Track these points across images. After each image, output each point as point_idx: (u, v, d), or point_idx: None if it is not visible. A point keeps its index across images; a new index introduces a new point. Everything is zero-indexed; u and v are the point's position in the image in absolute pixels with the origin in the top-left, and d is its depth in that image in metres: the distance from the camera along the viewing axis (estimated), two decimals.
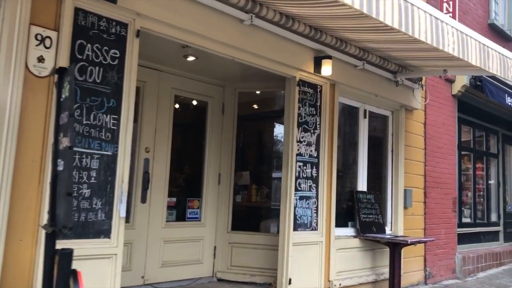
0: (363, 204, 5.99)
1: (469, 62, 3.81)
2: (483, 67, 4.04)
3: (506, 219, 10.32)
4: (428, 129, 7.26)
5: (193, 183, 5.51)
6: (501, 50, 4.36)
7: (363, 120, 6.18)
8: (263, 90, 5.83)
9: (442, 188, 7.50)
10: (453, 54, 3.64)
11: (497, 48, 4.30)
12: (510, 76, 4.45)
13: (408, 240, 5.40)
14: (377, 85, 6.04)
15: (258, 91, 5.99)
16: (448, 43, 3.53)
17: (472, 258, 7.94)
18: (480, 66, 3.99)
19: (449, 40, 3.53)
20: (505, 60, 4.36)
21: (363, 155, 6.16)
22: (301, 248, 4.94)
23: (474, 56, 3.91)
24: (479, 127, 9.60)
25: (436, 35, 3.42)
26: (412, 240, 5.51)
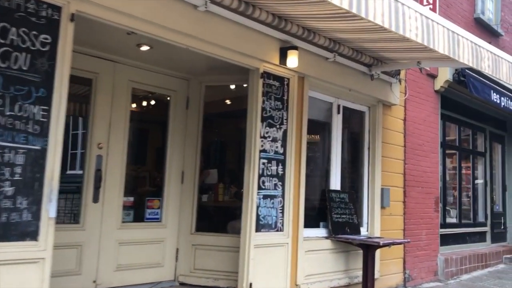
0: (336, 203, 5.70)
1: (435, 49, 3.52)
2: (452, 56, 3.76)
3: (493, 220, 10.05)
4: (408, 125, 6.98)
5: (153, 181, 5.22)
6: (473, 39, 4.07)
7: (337, 115, 5.89)
8: (229, 84, 5.52)
9: (424, 187, 7.21)
10: (416, 40, 3.35)
11: (468, 36, 4.02)
12: (484, 67, 4.17)
13: (381, 242, 5.11)
14: (351, 78, 5.76)
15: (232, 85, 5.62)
16: (410, 28, 3.23)
17: (456, 260, 7.66)
18: (449, 55, 3.70)
19: (411, 25, 3.24)
20: (478, 50, 4.08)
21: (336, 153, 5.87)
22: (264, 250, 4.64)
23: (441, 43, 3.62)
24: (465, 125, 9.33)
25: (395, 18, 3.13)
26: (385, 241, 5.22)
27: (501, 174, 10.72)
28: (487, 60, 4.25)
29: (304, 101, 5.24)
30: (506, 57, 4.61)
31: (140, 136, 5.16)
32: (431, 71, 7.45)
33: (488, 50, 4.27)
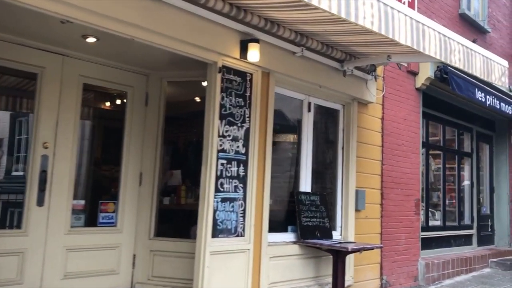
0: (306, 206, 5.39)
1: (395, 39, 3.22)
2: (416, 47, 3.46)
3: (480, 222, 9.77)
4: (386, 124, 6.68)
5: (108, 183, 4.91)
6: (441, 30, 3.77)
7: (307, 113, 5.59)
8: (192, 79, 5.19)
9: (403, 189, 6.92)
10: (371, 29, 3.05)
11: (436, 27, 3.72)
12: (454, 61, 3.88)
13: (349, 247, 4.80)
14: (322, 75, 5.45)
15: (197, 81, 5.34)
16: (364, 15, 2.93)
17: (437, 264, 7.37)
18: (412, 46, 3.41)
19: (365, 12, 2.94)
20: (447, 42, 3.78)
21: (306, 153, 5.57)
22: (222, 257, 4.33)
23: (403, 33, 3.32)
24: (450, 124, 9.05)
25: (345, 5, 2.83)
26: (354, 247, 4.92)
27: (489, 176, 10.44)
28: (458, 53, 3.96)
29: (269, 98, 4.94)
30: (480, 51, 4.32)
31: (93, 135, 4.85)
32: (412, 68, 7.16)
33: (459, 42, 3.98)
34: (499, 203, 10.39)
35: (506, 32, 10.53)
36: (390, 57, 4.84)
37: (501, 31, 10.24)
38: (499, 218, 10.34)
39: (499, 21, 10.21)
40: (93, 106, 4.83)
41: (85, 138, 4.70)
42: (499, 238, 10.29)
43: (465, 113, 9.28)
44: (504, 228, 10.27)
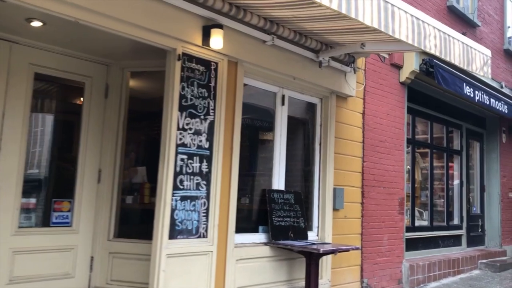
0: (279, 205, 5.07)
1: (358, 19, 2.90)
2: (384, 30, 3.14)
3: (470, 222, 9.48)
4: (368, 119, 6.37)
5: (63, 180, 4.57)
6: (414, 12, 3.46)
7: (281, 107, 5.28)
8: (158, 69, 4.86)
9: (386, 187, 6.61)
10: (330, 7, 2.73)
11: (408, 8, 3.40)
12: (429, 47, 3.56)
13: (321, 249, 4.48)
14: (296, 66, 5.14)
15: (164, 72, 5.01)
16: None
17: (423, 266, 7.06)
18: (379, 28, 3.09)
19: None
20: (421, 26, 3.47)
21: (280, 148, 5.25)
22: (181, 260, 4.01)
23: (368, 13, 3.00)
24: (438, 121, 8.75)
25: None
26: (326, 249, 4.60)
27: (479, 174, 10.15)
28: (434, 39, 3.65)
29: (237, 89, 4.62)
30: (459, 38, 4.01)
31: (47, 129, 4.52)
32: (396, 61, 6.85)
33: (435, 27, 3.66)
34: (490, 202, 10.10)
35: (497, 26, 10.24)
36: (364, 45, 4.52)
37: (491, 26, 9.95)
38: (490, 218, 10.05)
39: (490, 15, 9.91)
40: (46, 97, 4.50)
41: (37, 132, 4.37)
42: (490, 239, 10.00)
43: (454, 109, 8.99)
44: (495, 228, 9.98)
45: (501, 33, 10.36)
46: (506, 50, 10.38)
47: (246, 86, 4.91)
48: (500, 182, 10.10)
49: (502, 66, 10.26)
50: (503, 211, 10.09)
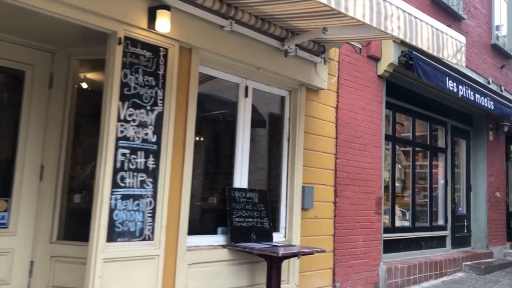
0: (240, 205, 4.71)
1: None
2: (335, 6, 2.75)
3: (455, 223, 9.14)
4: (342, 114, 6.01)
5: None
6: None
7: (244, 99, 4.91)
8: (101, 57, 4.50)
9: (362, 185, 6.25)
10: None
11: None
12: (391, 28, 3.20)
13: (280, 252, 4.12)
14: (259, 55, 4.78)
15: None
16: None
17: (402, 269, 6.71)
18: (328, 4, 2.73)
19: None
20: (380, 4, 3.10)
21: (243, 144, 4.88)
22: (121, 265, 3.64)
23: None
24: (421, 117, 8.41)
25: None
26: (286, 252, 4.23)
27: (466, 173, 9.82)
28: (397, 20, 3.29)
29: (191, 79, 4.25)
30: (428, 21, 3.65)
31: None
32: (373, 53, 6.50)
33: (399, 7, 3.30)
34: (476, 202, 9.76)
35: (484, 20, 9.91)
36: (326, 30, 4.15)
37: (478, 19, 9.61)
38: (476, 219, 9.72)
39: (476, 8, 9.58)
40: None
41: None
42: (476, 240, 9.67)
43: (438, 105, 8.65)
44: (481, 229, 9.65)
45: (488, 27, 10.03)
46: (493, 45, 10.05)
47: (204, 75, 4.55)
48: (487, 181, 9.77)
49: (489, 61, 9.94)
50: (490, 211, 9.77)
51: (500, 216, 10.22)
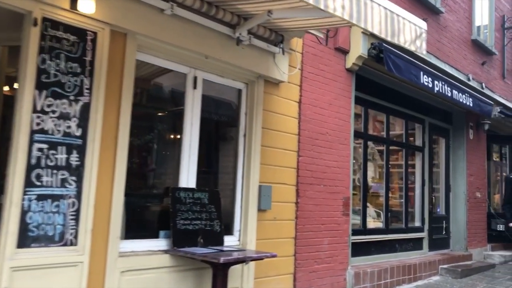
0: (186, 206, 4.31)
1: None
2: None
3: (432, 224, 8.81)
4: (305, 109, 5.64)
5: None
6: None
7: (192, 91, 4.51)
8: None
9: (327, 185, 5.89)
10: None
11: None
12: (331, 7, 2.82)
13: (221, 258, 3.73)
14: (208, 42, 4.39)
15: None
16: None
17: (371, 274, 6.35)
18: None
19: None
20: None
21: (190, 139, 4.48)
22: (36, 273, 3.22)
23: None
24: (396, 114, 8.06)
25: None
26: (228, 258, 3.84)
27: (445, 173, 9.49)
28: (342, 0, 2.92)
29: (126, 67, 3.85)
30: (379, 1, 3.28)
31: None
32: (340, 45, 6.13)
33: None
34: (456, 203, 9.44)
35: (465, 15, 9.59)
36: (271, 13, 3.77)
37: (458, 14, 9.29)
38: (455, 220, 9.39)
39: (456, 2, 9.25)
40: None
41: None
42: (455, 242, 9.35)
43: (415, 102, 8.31)
44: (460, 230, 9.33)
45: (468, 22, 9.72)
46: (474, 41, 9.74)
47: (144, 64, 4.16)
48: (467, 181, 9.45)
49: (469, 57, 9.62)
50: (470, 212, 9.45)
51: (481, 217, 9.91)
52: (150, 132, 4.34)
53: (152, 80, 4.38)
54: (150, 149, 4.39)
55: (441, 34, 8.56)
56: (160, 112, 4.57)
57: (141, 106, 4.26)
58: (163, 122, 4.62)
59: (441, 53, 8.44)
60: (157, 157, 4.50)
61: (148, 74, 4.30)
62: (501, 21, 11.24)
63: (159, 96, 4.53)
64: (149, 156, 4.43)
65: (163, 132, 4.51)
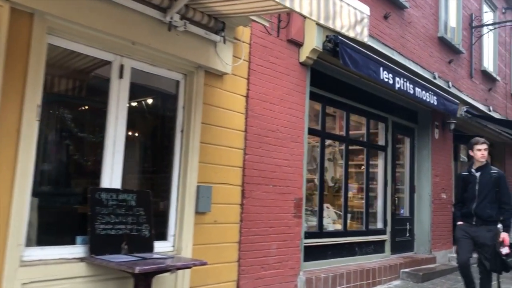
0: (109, 208, 3.88)
1: None
2: None
3: (396, 226, 8.55)
4: (253, 104, 5.26)
5: None
6: None
7: (118, 80, 4.07)
8: None
9: (278, 185, 5.52)
10: None
11: None
12: None
13: (136, 268, 3.31)
14: (136, 27, 3.96)
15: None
16: None
17: (325, 279, 6.02)
18: None
19: None
20: None
21: (115, 134, 4.04)
22: None
23: None
24: (357, 112, 7.76)
25: None
26: (145, 268, 3.41)
27: (409, 173, 9.25)
28: None
29: (33, 51, 3.39)
30: None
31: None
32: (293, 37, 5.77)
33: None
34: (420, 204, 9.21)
35: (431, 11, 9.36)
36: None
37: (424, 10, 9.05)
38: (420, 221, 9.15)
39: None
40: None
41: None
42: (419, 244, 9.11)
43: (378, 100, 8.02)
44: (425, 232, 9.09)
45: (435, 19, 9.49)
46: (440, 38, 9.52)
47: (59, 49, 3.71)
48: (432, 182, 9.22)
49: (436, 55, 9.40)
50: (435, 214, 9.22)
51: (446, 219, 9.69)
52: (68, 126, 3.89)
53: (71, 67, 3.93)
54: (68, 145, 3.94)
55: (405, 30, 8.30)
56: (80, 103, 4.13)
57: (57, 95, 3.82)
58: (84, 114, 4.17)
59: (405, 50, 8.18)
60: (76, 154, 4.05)
61: (65, 60, 3.85)
62: (469, 20, 11.08)
63: (80, 86, 4.09)
64: (66, 153, 3.98)
65: (84, 126, 4.06)
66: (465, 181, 5.48)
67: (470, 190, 5.37)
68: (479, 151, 5.40)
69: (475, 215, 5.28)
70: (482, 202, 5.27)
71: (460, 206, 5.55)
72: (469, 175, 5.46)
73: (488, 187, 5.28)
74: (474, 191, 5.34)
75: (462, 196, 5.52)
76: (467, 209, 5.37)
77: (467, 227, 5.33)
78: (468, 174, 5.50)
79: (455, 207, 5.86)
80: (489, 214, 5.24)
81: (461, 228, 5.40)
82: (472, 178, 5.41)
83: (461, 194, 5.56)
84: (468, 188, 5.39)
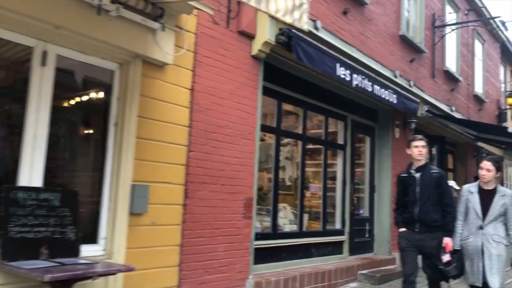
0: (26, 209, 3.49)
1: None
2: None
3: (354, 226, 8.37)
4: (199, 98, 4.95)
5: None
6: None
7: (41, 68, 3.69)
8: None
9: (225, 184, 5.22)
10: None
11: None
12: None
13: (45, 276, 2.96)
14: (59, 9, 3.58)
15: None
16: None
17: (276, 283, 5.76)
18: None
19: None
20: None
21: (36, 128, 3.65)
22: None
23: None
24: (314, 109, 7.54)
25: None
26: (57, 275, 3.04)
27: (369, 172, 9.11)
28: None
29: None
30: None
31: None
32: (244, 28, 5.49)
33: None
34: (380, 204, 9.08)
35: (393, 9, 9.25)
36: None
37: (385, 7, 8.92)
38: (380, 222, 9.02)
39: None
40: None
41: None
42: (379, 245, 8.97)
43: (337, 97, 7.83)
44: (384, 233, 8.96)
45: (397, 17, 9.39)
46: (402, 36, 9.42)
47: None
48: (392, 181, 9.08)
49: (397, 53, 9.29)
50: None
51: None
52: None
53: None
54: None
55: (366, 27, 8.14)
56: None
57: None
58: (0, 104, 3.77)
59: (365, 47, 8.02)
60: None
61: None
62: (432, 19, 11.06)
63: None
64: None
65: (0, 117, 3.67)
66: (405, 183, 5.01)
67: (411, 192, 4.91)
68: (416, 148, 4.96)
69: (419, 220, 4.83)
70: (424, 205, 4.83)
71: (401, 211, 5.05)
72: (409, 177, 4.99)
73: (430, 189, 4.86)
74: (415, 194, 4.88)
75: (402, 199, 5.06)
76: (409, 213, 4.92)
77: (410, 235, 4.89)
78: (407, 176, 5.02)
79: (396, 212, 5.21)
80: (433, 218, 4.82)
81: (404, 237, 4.93)
82: (411, 179, 4.94)
83: (401, 197, 5.08)
84: (409, 191, 4.93)
